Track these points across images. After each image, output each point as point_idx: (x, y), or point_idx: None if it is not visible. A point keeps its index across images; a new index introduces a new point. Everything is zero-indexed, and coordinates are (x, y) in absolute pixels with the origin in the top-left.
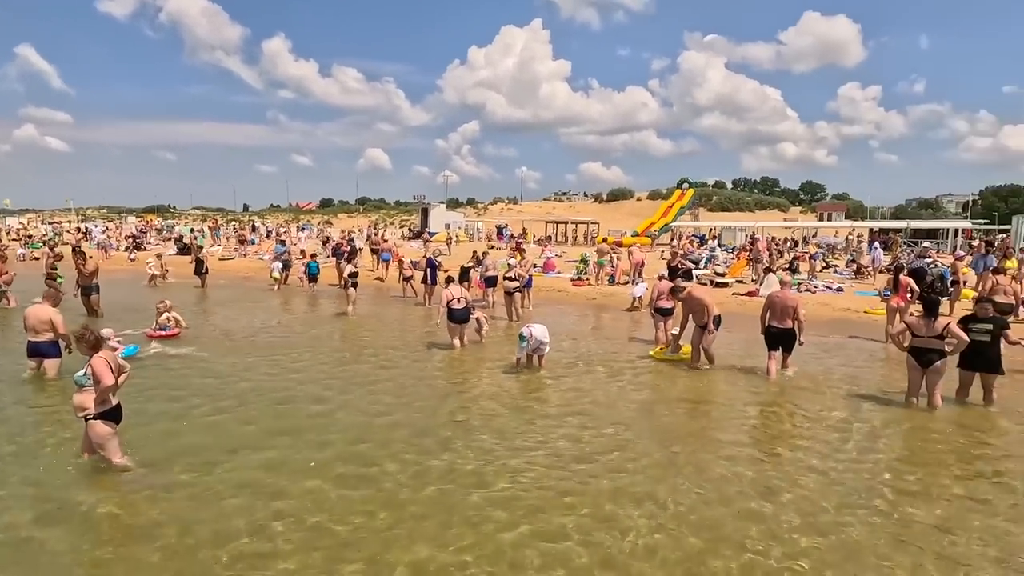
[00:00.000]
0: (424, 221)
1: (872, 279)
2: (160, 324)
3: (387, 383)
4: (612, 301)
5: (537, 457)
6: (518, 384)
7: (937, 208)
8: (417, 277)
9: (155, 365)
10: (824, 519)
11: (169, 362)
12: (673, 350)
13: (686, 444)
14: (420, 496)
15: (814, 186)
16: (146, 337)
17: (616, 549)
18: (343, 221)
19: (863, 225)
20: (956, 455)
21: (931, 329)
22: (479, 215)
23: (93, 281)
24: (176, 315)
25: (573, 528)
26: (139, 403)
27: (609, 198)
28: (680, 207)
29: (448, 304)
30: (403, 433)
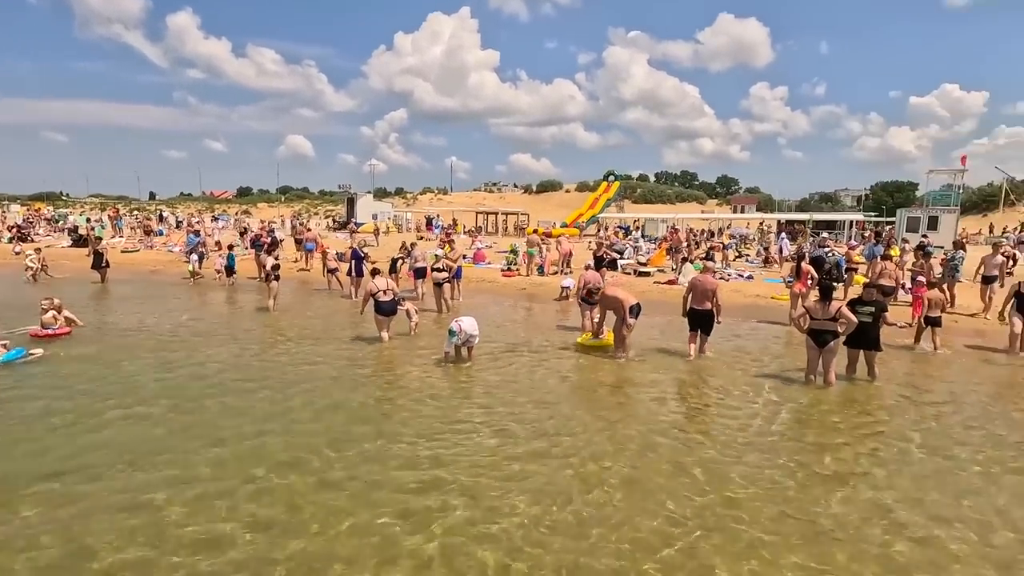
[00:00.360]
0: (350, 211)
1: (779, 267)
2: (44, 323)
3: (309, 380)
4: (542, 291)
5: (463, 445)
6: (446, 375)
7: (835, 202)
8: (343, 269)
9: (41, 370)
10: (735, 474)
11: (60, 364)
12: (596, 335)
13: (608, 423)
14: (339, 494)
15: (729, 180)
16: (30, 337)
17: (551, 518)
18: (263, 211)
19: (772, 217)
20: (846, 423)
21: (826, 312)
22: (408, 205)
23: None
24: (68, 313)
25: (506, 510)
26: (15, 408)
27: (539, 189)
28: (607, 199)
29: (374, 296)
30: (326, 429)
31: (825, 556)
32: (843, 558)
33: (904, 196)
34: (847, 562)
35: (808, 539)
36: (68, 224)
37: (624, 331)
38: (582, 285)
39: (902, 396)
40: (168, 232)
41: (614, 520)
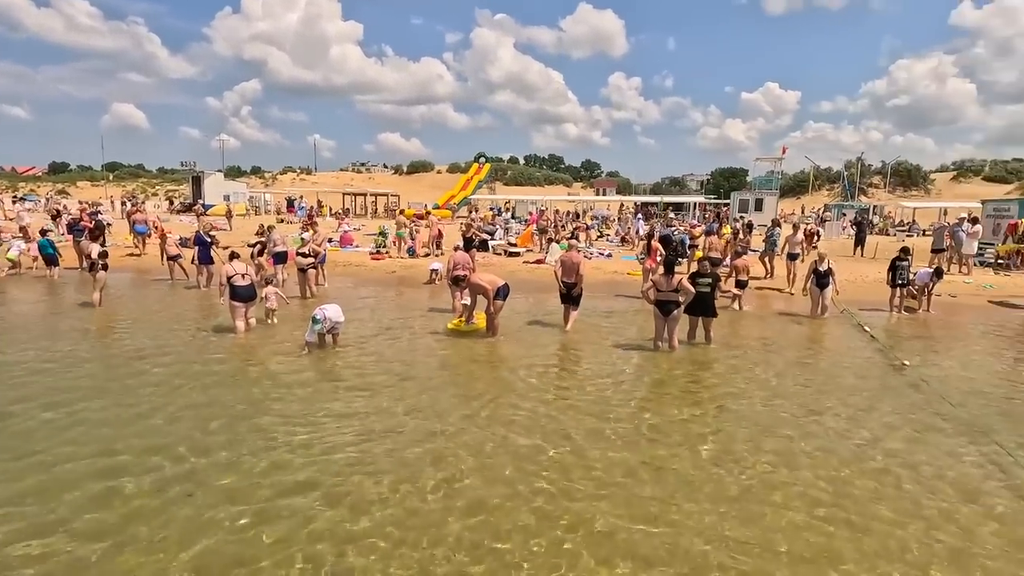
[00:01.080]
0: (197, 192)
1: (634, 246)
2: None
3: (149, 384)
4: (412, 274)
5: (328, 434)
6: (310, 363)
7: (683, 185)
8: (188, 255)
9: None
10: (590, 427)
11: None
12: (468, 320)
13: (478, 400)
14: (187, 503)
15: (592, 164)
16: None
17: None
18: (85, 191)
19: (630, 200)
20: (690, 381)
21: (669, 284)
22: (267, 186)
23: None
24: None
25: (382, 493)
26: None
27: (410, 170)
28: (478, 181)
29: (231, 280)
30: (176, 433)
31: (678, 494)
32: (690, 493)
33: (738, 181)
34: (700, 497)
35: (657, 481)
36: None
37: (492, 312)
38: (451, 266)
39: (734, 355)
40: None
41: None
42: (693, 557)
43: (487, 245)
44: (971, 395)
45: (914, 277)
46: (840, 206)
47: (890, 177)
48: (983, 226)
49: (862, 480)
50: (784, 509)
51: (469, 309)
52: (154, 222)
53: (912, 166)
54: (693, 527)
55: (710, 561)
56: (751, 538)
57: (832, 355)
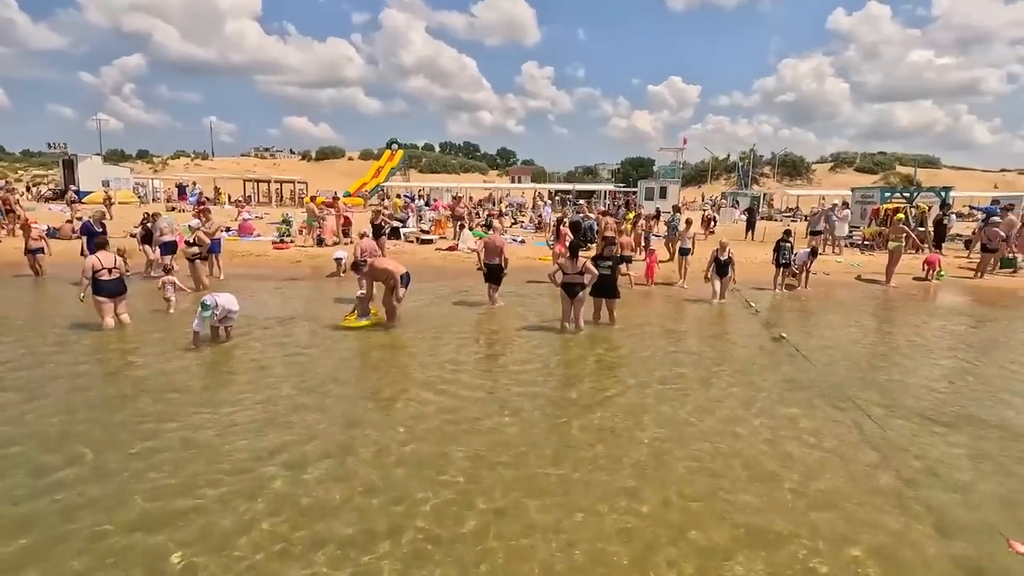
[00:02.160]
0: (69, 177)
1: (547, 232)
2: None
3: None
4: (318, 263)
5: (211, 434)
6: (197, 358)
7: (596, 174)
8: (51, 248)
9: None
10: (498, 406)
11: None
12: (362, 314)
13: (382, 391)
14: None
15: (508, 152)
16: None
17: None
18: None
19: (544, 187)
20: (593, 359)
21: (574, 267)
22: (156, 171)
23: None
24: None
25: (277, 486)
26: None
27: (319, 156)
28: (391, 168)
29: (95, 274)
30: (37, 439)
31: (579, 462)
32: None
33: (645, 170)
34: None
35: (560, 455)
36: None
37: (394, 301)
38: (358, 253)
39: (633, 334)
40: None
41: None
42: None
43: (399, 233)
44: (834, 361)
45: (794, 257)
46: (736, 194)
47: (778, 167)
48: (852, 211)
49: (723, 439)
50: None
51: (364, 302)
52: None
53: (797, 157)
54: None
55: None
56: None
57: (721, 330)
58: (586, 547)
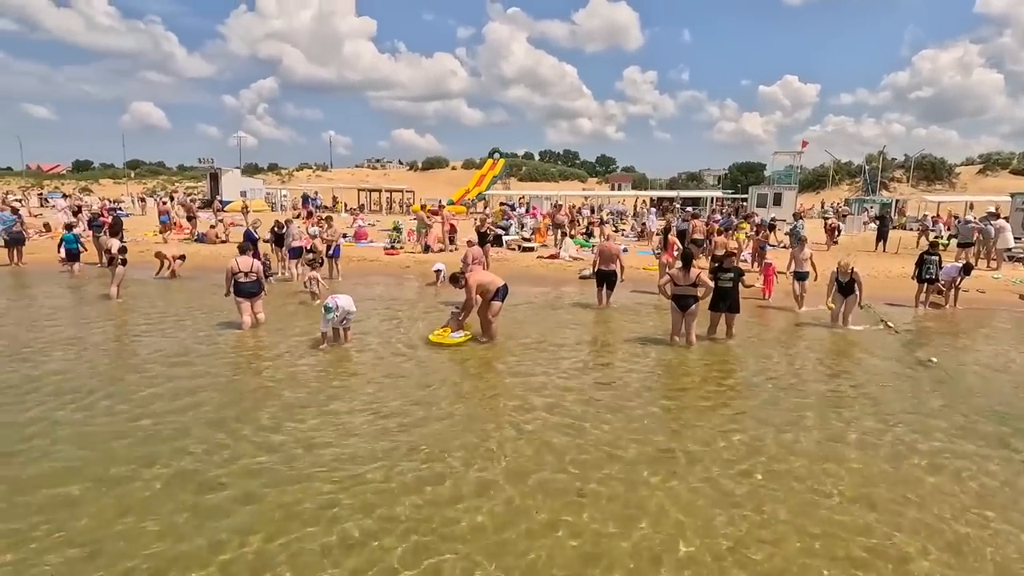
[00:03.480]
0: (215, 188)
1: (651, 241)
2: None
3: (163, 377)
4: (425, 268)
5: (327, 431)
6: (318, 361)
7: (700, 180)
8: (211, 251)
9: None
10: (604, 415)
11: None
12: (456, 330)
13: (475, 400)
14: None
15: (607, 159)
16: None
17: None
18: (108, 188)
19: (645, 194)
20: (703, 378)
21: (687, 279)
22: (283, 182)
23: None
24: None
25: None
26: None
27: (424, 166)
28: (493, 176)
29: (235, 276)
30: (190, 424)
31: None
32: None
33: (755, 175)
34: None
35: (659, 461)
36: None
37: (489, 315)
38: (469, 260)
39: (753, 351)
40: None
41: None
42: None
43: (501, 240)
44: (999, 391)
45: (941, 272)
46: (861, 201)
47: (913, 171)
48: (1012, 220)
49: (871, 470)
50: (822, 509)
51: (458, 317)
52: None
53: (936, 159)
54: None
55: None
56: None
57: (854, 350)
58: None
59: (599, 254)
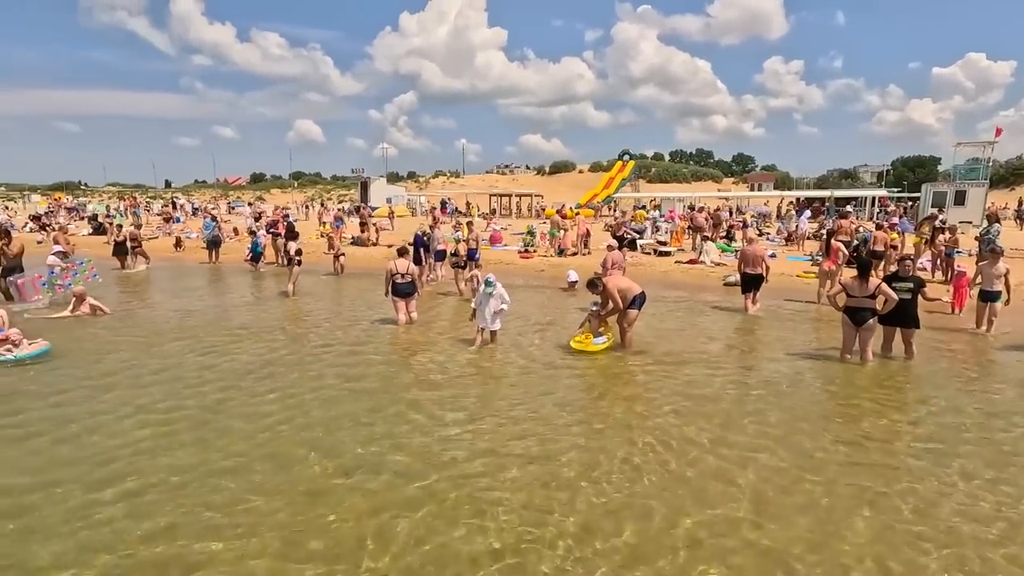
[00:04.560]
0: (364, 195)
1: (800, 245)
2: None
3: (329, 366)
4: (560, 272)
5: (480, 427)
6: (467, 359)
7: (855, 178)
8: (363, 253)
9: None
10: (778, 444)
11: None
12: (597, 336)
13: (611, 417)
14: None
15: (745, 158)
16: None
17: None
18: (276, 197)
19: (790, 195)
20: (886, 401)
21: (864, 289)
22: (420, 189)
23: (17, 261)
24: (93, 301)
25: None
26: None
27: (551, 170)
28: (622, 179)
29: (392, 277)
30: (349, 412)
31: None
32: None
33: (926, 171)
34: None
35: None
36: (87, 213)
37: (625, 323)
38: (609, 265)
39: (944, 372)
40: (185, 219)
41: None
42: None
43: (635, 244)
44: None
45: None
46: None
47: None
48: None
49: None
50: None
51: (598, 314)
52: (330, 224)
53: None
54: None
55: None
56: None
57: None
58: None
59: (742, 257)
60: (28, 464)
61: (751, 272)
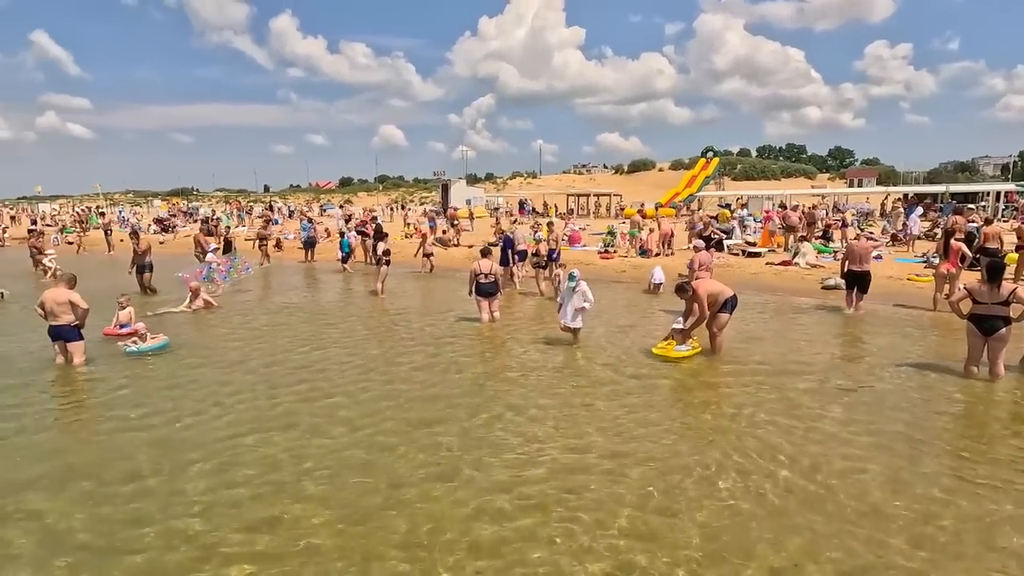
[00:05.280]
0: (445, 198)
1: (910, 246)
2: (121, 321)
3: (414, 363)
4: (642, 273)
5: (548, 424)
6: (547, 359)
7: (974, 171)
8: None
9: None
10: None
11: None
12: (682, 343)
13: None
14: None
15: (843, 151)
16: (103, 336)
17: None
18: (363, 200)
19: (897, 190)
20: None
21: (995, 295)
22: (498, 190)
23: (147, 259)
24: (207, 296)
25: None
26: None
27: (630, 169)
28: (705, 176)
29: (476, 277)
30: (439, 406)
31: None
32: None
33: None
34: None
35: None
36: (200, 216)
37: (715, 328)
38: (696, 266)
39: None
40: (283, 221)
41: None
42: None
43: (722, 244)
44: None
45: None
46: None
47: None
48: None
49: None
50: None
51: (683, 330)
52: (415, 225)
53: None
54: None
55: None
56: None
57: None
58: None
59: (849, 253)
60: (144, 446)
61: (857, 270)
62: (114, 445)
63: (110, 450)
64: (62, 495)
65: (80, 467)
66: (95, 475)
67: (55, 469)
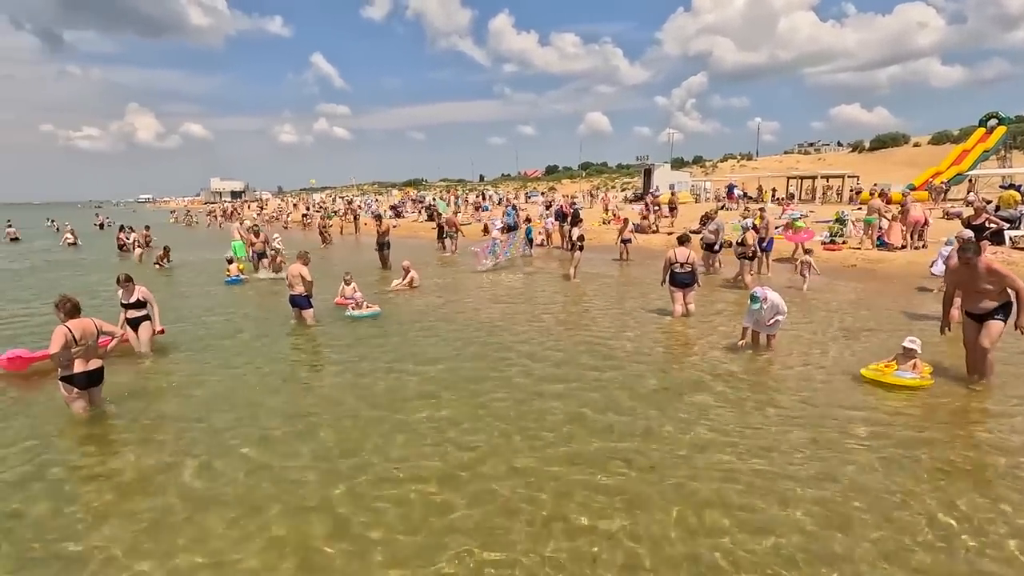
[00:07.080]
0: (647, 183)
1: None
2: (346, 295)
3: (601, 359)
4: (879, 268)
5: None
6: (739, 362)
7: None
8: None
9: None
10: None
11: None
12: (905, 364)
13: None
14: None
15: None
16: (335, 306)
17: None
18: (566, 187)
19: None
20: None
21: None
22: (707, 174)
23: (386, 239)
24: (415, 275)
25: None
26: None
27: (873, 146)
28: (983, 151)
29: (671, 266)
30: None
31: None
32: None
33: None
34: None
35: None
36: (425, 204)
37: (986, 341)
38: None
39: None
40: (492, 208)
41: None
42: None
43: (1002, 236)
44: None
45: None
46: None
47: None
48: None
49: None
50: None
51: (912, 353)
52: (613, 211)
53: None
54: None
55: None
56: None
57: None
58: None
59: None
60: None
61: None
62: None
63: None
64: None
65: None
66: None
67: (321, 402)
